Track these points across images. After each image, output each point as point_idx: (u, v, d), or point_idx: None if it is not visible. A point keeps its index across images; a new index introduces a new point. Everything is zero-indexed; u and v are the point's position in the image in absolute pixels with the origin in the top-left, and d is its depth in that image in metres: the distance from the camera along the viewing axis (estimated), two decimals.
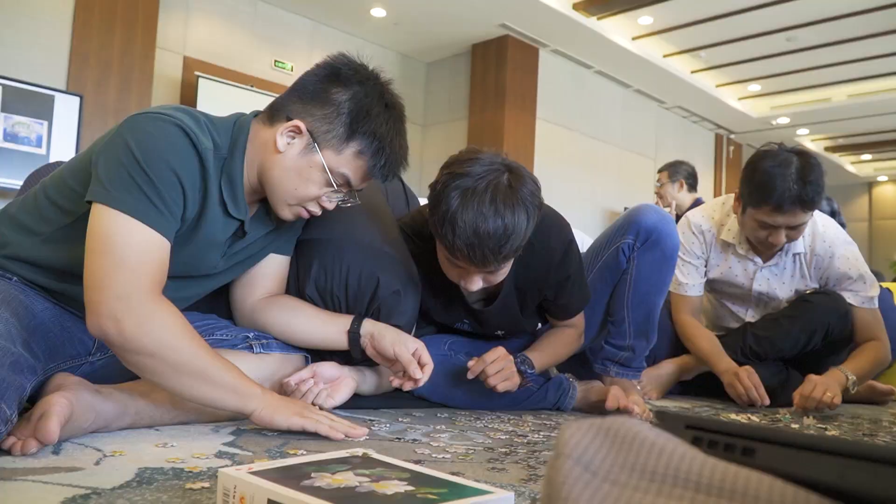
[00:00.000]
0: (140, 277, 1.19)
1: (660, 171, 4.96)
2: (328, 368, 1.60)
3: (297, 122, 1.36)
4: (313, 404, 1.50)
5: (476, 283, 1.62)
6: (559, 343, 1.94)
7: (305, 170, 1.38)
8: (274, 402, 1.30)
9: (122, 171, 1.21)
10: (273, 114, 1.41)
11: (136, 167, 1.20)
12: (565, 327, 1.97)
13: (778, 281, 2.45)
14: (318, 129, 1.37)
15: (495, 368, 1.71)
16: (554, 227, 1.79)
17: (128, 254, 1.19)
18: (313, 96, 1.39)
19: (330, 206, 1.45)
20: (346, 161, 1.39)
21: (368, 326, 1.58)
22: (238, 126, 1.41)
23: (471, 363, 1.73)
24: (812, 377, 2.16)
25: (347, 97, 1.37)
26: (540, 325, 2.07)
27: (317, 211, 1.45)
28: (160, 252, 1.23)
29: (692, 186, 4.78)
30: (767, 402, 2.19)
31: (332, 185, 1.40)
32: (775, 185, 2.17)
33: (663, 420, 0.51)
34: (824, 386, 2.10)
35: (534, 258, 1.77)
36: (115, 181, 1.21)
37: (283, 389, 1.52)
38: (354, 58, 1.45)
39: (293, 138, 1.37)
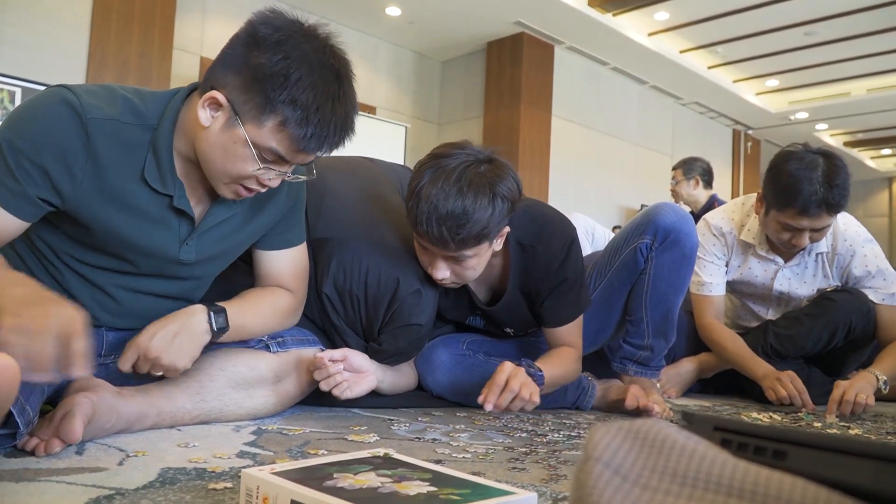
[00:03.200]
0: None
1: (674, 168, 4.89)
2: (359, 358, 1.60)
3: (214, 93, 1.23)
4: (330, 392, 1.53)
5: (441, 271, 1.61)
6: (564, 359, 1.81)
7: (230, 145, 1.25)
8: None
9: None
10: (203, 83, 1.29)
11: None
12: (565, 346, 1.86)
13: (799, 280, 2.43)
14: (236, 99, 1.23)
15: (517, 384, 1.53)
16: (556, 231, 1.77)
17: None
18: (232, 62, 1.24)
19: (272, 183, 1.32)
20: (270, 134, 1.24)
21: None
22: (174, 98, 1.32)
23: (480, 399, 1.54)
24: (841, 382, 2.12)
25: (263, 61, 1.21)
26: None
27: (257, 188, 1.32)
28: None
29: (708, 183, 4.73)
30: (812, 407, 2.16)
31: (260, 163, 1.26)
32: (801, 189, 2.14)
33: (691, 422, 0.50)
34: (855, 388, 2.07)
35: (536, 262, 1.76)
36: None
37: (313, 364, 1.52)
38: (281, 13, 1.29)
39: (216, 111, 1.25)
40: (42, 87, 4.63)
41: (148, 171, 1.28)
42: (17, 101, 4.66)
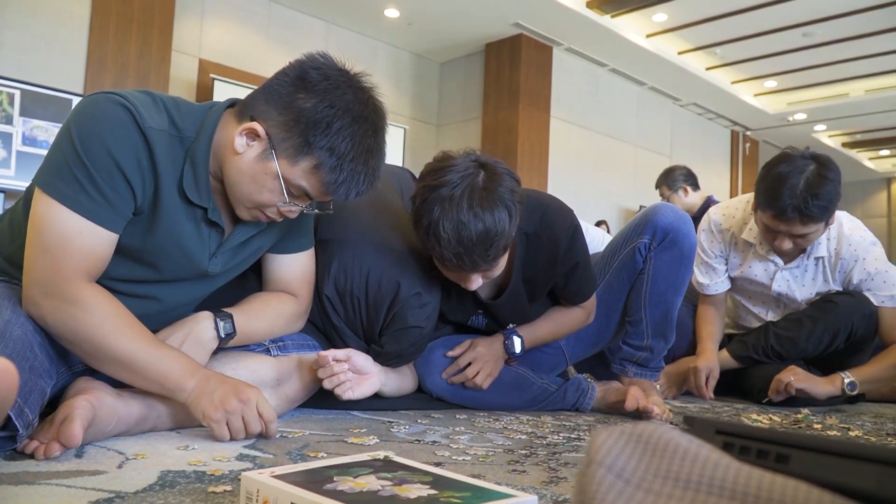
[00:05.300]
0: (61, 264, 1.18)
1: (657, 186, 4.77)
2: (362, 360, 1.60)
3: (255, 125, 1.27)
4: (331, 392, 1.53)
5: (475, 283, 1.63)
6: (560, 322, 1.95)
7: (260, 176, 1.29)
8: (197, 395, 1.24)
9: (59, 157, 1.20)
10: (243, 108, 1.33)
11: (73, 153, 1.18)
12: (572, 307, 1.96)
13: (798, 283, 2.43)
14: (276, 135, 1.27)
15: (473, 372, 1.81)
16: (558, 217, 1.78)
17: (50, 241, 1.18)
18: (277, 99, 1.29)
19: (291, 215, 1.37)
20: (302, 174, 1.29)
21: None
22: (210, 112, 1.34)
23: (446, 372, 1.85)
24: (793, 366, 2.33)
25: (309, 105, 1.26)
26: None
27: (276, 218, 1.37)
28: (89, 239, 1.20)
29: (695, 185, 4.66)
30: (706, 399, 2.37)
31: (286, 197, 1.31)
32: (780, 192, 2.14)
33: (693, 425, 0.50)
34: (793, 372, 2.27)
35: (540, 250, 1.76)
36: (52, 166, 1.21)
37: (316, 362, 1.53)
38: (331, 59, 1.34)
39: (252, 140, 1.29)
40: (42, 90, 4.66)
41: (186, 183, 1.29)
42: (17, 104, 4.65)
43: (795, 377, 2.24)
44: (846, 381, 2.25)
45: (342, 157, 1.28)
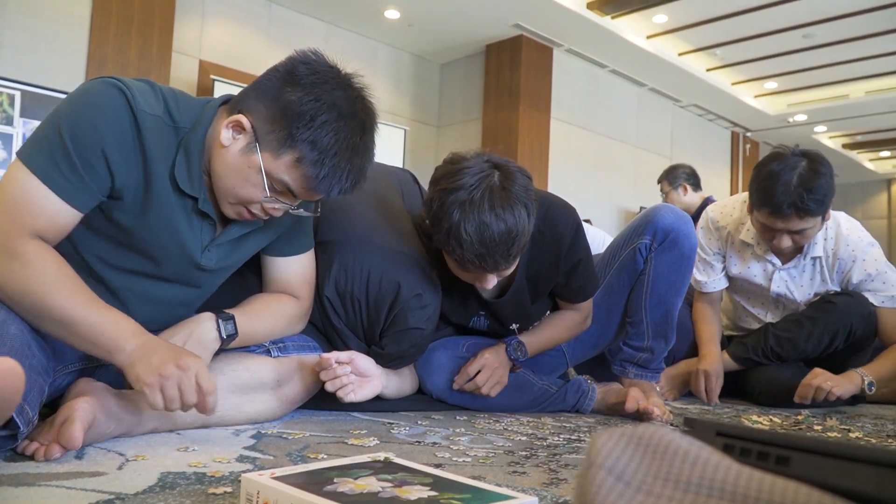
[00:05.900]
0: (12, 225, 1.17)
1: (659, 181, 4.83)
2: (365, 362, 1.60)
3: (240, 117, 1.28)
4: (336, 394, 1.52)
5: (491, 282, 1.64)
6: (560, 326, 1.96)
7: (244, 170, 1.28)
8: (135, 358, 1.18)
9: (42, 130, 1.22)
10: (235, 103, 1.34)
11: (55, 127, 1.19)
12: (569, 311, 1.97)
13: (796, 284, 2.43)
14: (260, 128, 1.27)
15: (483, 380, 1.80)
16: (561, 214, 1.80)
17: (9, 201, 1.18)
18: (266, 93, 1.29)
19: (276, 213, 1.36)
20: (285, 168, 1.27)
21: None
22: (207, 106, 1.35)
23: (456, 383, 1.83)
24: (817, 370, 2.23)
25: (295, 98, 1.26)
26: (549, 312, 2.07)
27: (261, 215, 1.35)
28: (49, 207, 1.19)
29: (695, 185, 4.69)
30: (712, 403, 2.32)
31: (269, 192, 1.30)
32: (775, 189, 2.15)
33: (693, 427, 0.50)
34: (826, 377, 2.18)
35: (544, 247, 1.77)
36: (34, 138, 1.22)
37: (319, 364, 1.53)
38: (322, 56, 1.34)
39: (238, 134, 1.28)
40: (42, 91, 4.66)
41: (178, 172, 1.29)
42: (17, 105, 4.65)
43: (835, 385, 2.15)
44: (866, 380, 2.23)
45: (325, 152, 1.26)
